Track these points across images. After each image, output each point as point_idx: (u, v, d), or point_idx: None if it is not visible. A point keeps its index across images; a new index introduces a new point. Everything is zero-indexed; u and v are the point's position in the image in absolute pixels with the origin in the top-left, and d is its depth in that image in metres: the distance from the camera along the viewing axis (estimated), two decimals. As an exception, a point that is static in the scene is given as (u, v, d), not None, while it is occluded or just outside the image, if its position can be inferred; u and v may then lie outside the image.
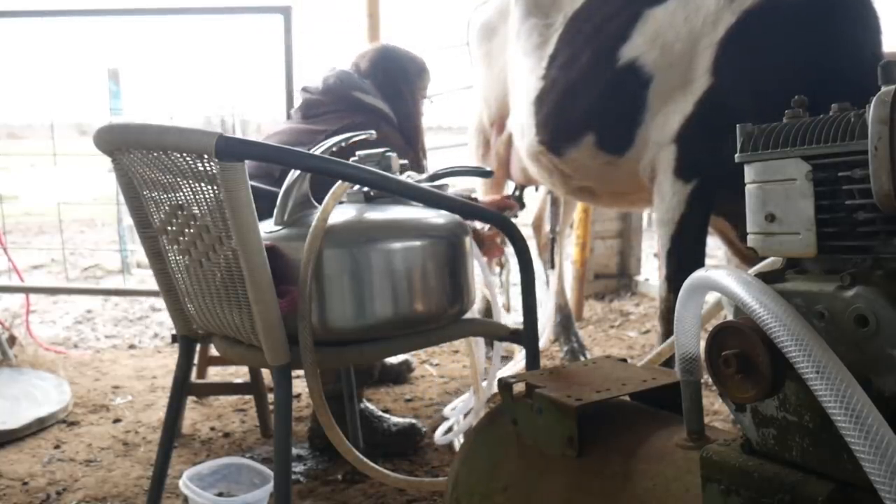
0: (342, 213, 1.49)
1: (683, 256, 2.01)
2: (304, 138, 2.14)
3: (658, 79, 2.01)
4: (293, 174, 1.52)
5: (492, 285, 2.22)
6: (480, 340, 2.04)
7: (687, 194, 1.98)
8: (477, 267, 1.80)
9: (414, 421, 2.24)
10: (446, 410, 2.36)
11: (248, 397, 2.58)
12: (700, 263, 2.03)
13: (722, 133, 1.86)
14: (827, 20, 1.80)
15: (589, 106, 2.19)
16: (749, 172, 0.79)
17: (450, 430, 2.18)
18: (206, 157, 1.28)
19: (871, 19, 1.83)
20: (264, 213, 1.36)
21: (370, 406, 2.24)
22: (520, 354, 2.90)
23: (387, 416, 2.24)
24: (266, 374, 2.32)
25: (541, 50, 2.41)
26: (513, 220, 1.66)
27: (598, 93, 2.16)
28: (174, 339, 1.93)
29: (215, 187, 1.31)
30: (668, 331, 2.03)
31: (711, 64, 1.91)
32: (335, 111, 2.26)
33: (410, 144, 2.34)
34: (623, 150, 2.14)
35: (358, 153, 1.70)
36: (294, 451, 2.18)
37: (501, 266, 3.91)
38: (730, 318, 0.78)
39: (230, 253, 1.36)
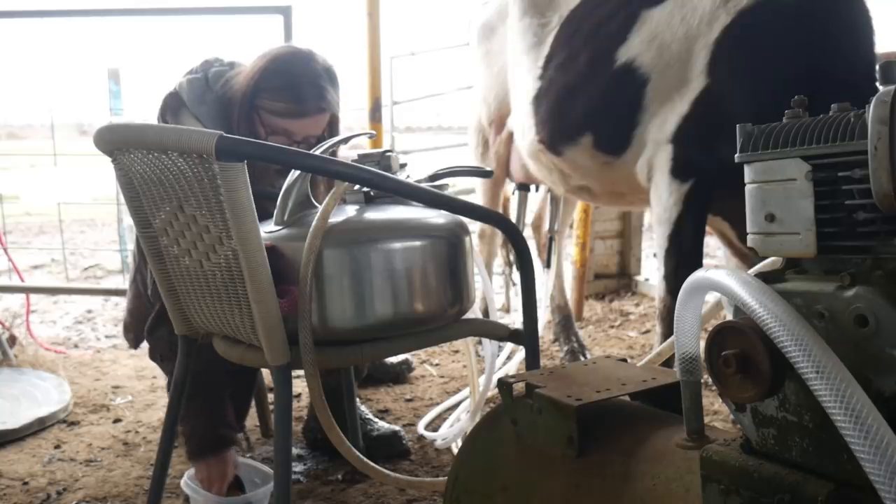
0: (342, 213, 1.49)
1: (681, 256, 2.01)
2: None
3: (655, 79, 2.01)
4: (293, 174, 1.52)
5: (489, 286, 2.22)
6: (486, 340, 2.02)
7: (684, 194, 1.98)
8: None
9: (397, 429, 2.22)
10: (420, 429, 2.34)
11: (247, 397, 2.58)
12: (698, 263, 2.03)
13: (718, 133, 1.88)
14: (821, 20, 1.81)
15: (586, 106, 2.19)
16: (749, 172, 0.79)
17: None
18: (206, 157, 1.28)
19: (864, 19, 1.83)
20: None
21: (362, 408, 2.24)
22: (518, 354, 2.89)
23: (373, 420, 2.23)
24: (266, 373, 2.31)
25: (537, 49, 2.42)
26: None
27: (595, 93, 2.17)
28: (174, 338, 1.93)
29: (215, 187, 1.31)
30: (666, 331, 2.03)
31: (707, 64, 1.91)
32: None
33: None
34: (620, 150, 2.14)
35: (357, 153, 1.70)
36: (294, 451, 2.18)
37: (511, 265, 3.92)
38: (730, 318, 0.78)
39: (230, 253, 1.36)
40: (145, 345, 1.95)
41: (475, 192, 3.24)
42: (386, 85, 4.52)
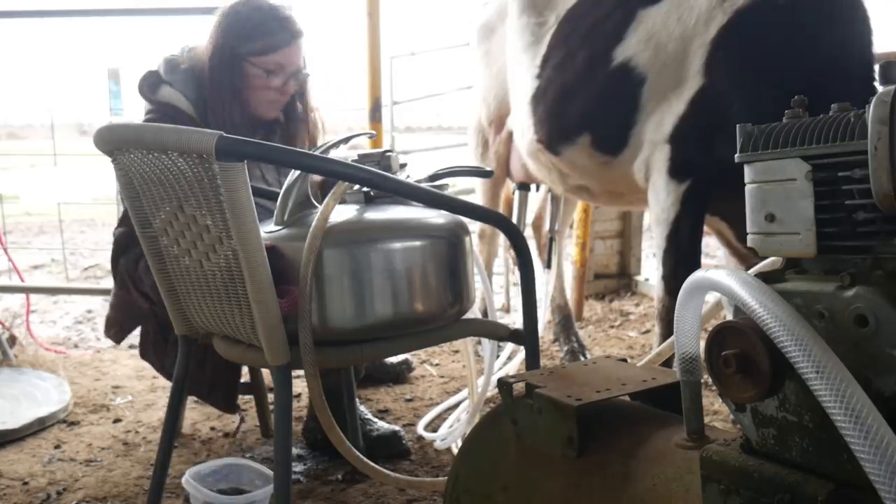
0: (342, 213, 1.49)
1: (679, 256, 2.01)
2: None
3: (652, 79, 2.01)
4: (293, 174, 1.52)
5: (488, 286, 2.22)
6: (485, 340, 2.02)
7: (681, 194, 1.98)
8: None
9: (397, 429, 2.22)
10: (420, 429, 2.34)
11: (248, 397, 2.58)
12: (696, 263, 2.03)
13: (715, 133, 1.88)
14: (818, 20, 1.81)
15: (584, 106, 2.19)
16: (749, 172, 0.79)
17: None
18: (206, 157, 1.28)
19: (862, 19, 1.83)
20: None
21: (362, 408, 2.23)
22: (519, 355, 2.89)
23: (373, 420, 2.23)
24: (266, 374, 2.31)
25: (535, 48, 2.41)
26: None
27: (592, 93, 2.16)
28: (174, 339, 1.93)
29: (215, 187, 1.31)
30: (666, 331, 2.03)
31: (704, 64, 1.91)
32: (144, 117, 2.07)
33: None
34: (618, 150, 2.14)
35: (357, 153, 1.70)
36: (294, 451, 2.18)
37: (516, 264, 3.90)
38: (730, 318, 0.78)
39: (230, 253, 1.36)
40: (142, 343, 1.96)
41: (475, 192, 3.24)
42: (386, 85, 4.51)
